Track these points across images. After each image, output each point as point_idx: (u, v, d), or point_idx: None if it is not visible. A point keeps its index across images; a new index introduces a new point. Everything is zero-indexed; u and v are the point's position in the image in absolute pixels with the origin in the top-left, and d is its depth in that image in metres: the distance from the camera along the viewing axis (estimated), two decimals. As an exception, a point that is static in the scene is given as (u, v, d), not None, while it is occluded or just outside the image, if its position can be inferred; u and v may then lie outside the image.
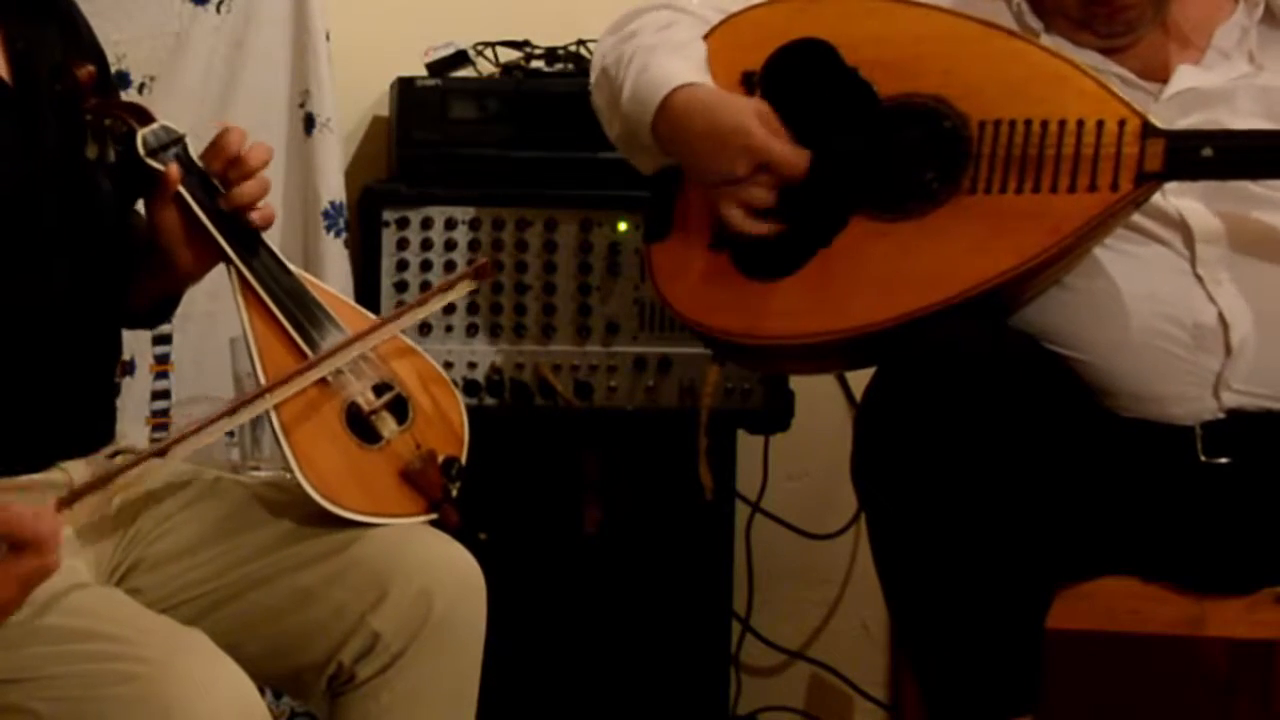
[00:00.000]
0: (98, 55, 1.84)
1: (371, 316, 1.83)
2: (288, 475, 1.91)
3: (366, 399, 1.73)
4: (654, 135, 1.92)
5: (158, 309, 1.88)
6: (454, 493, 1.72)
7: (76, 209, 1.71)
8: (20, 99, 1.69)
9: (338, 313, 1.76)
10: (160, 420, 2.39)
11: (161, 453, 1.57)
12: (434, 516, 1.71)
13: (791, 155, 1.86)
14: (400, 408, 1.74)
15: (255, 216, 1.74)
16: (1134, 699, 2.63)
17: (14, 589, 1.42)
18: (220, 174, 1.73)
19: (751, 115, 1.86)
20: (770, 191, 1.87)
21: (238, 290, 1.74)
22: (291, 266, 1.77)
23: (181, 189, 1.71)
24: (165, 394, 2.41)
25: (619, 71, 1.96)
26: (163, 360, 2.40)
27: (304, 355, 1.71)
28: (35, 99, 1.70)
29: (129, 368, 2.34)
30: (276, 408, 1.67)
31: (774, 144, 1.85)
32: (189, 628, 1.52)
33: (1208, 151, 1.75)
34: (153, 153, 1.72)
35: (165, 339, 2.38)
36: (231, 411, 1.65)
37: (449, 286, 1.82)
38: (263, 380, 1.69)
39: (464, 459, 1.75)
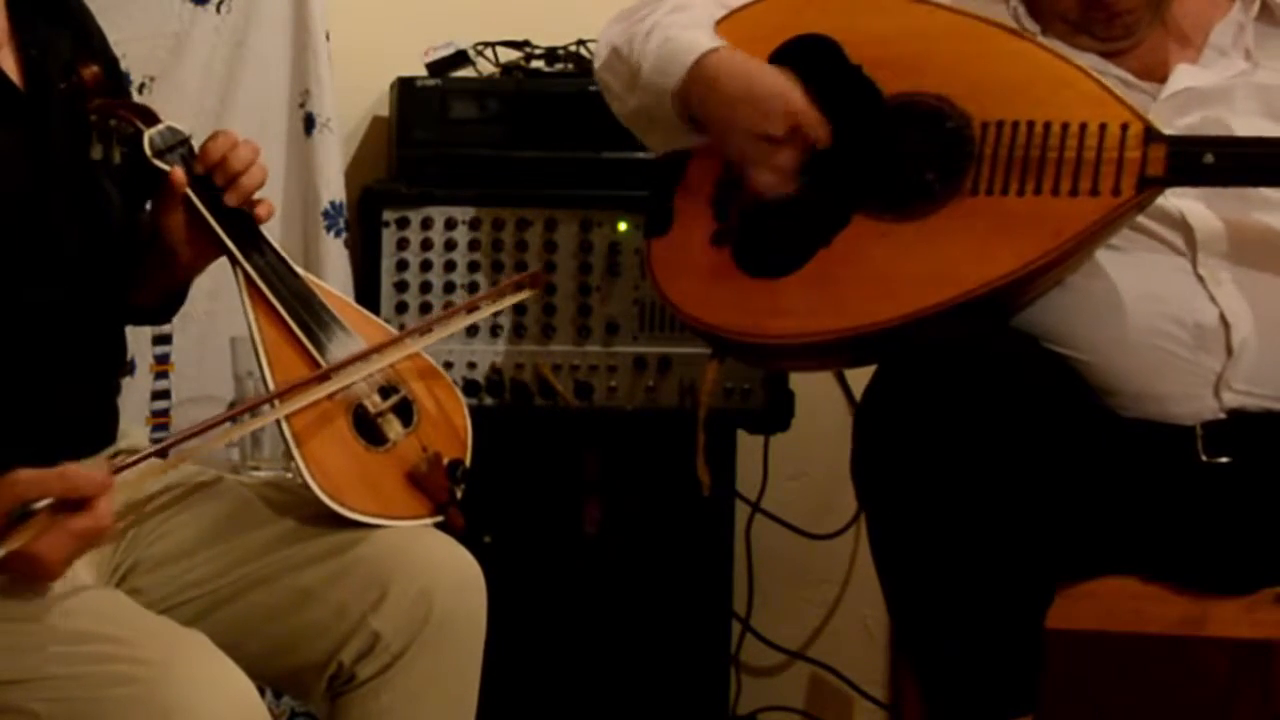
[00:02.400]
0: (108, 58, 1.84)
1: (375, 319, 1.83)
2: (288, 475, 1.91)
3: (373, 401, 1.73)
4: (678, 102, 1.91)
5: (165, 304, 1.88)
6: (459, 495, 1.72)
7: (84, 213, 1.72)
8: (31, 104, 1.70)
9: (344, 316, 1.76)
10: (160, 420, 2.39)
11: (191, 436, 1.60)
12: (440, 519, 1.71)
13: (820, 120, 1.86)
14: (405, 410, 1.75)
15: (257, 210, 1.74)
16: (1134, 699, 2.63)
17: (69, 546, 1.46)
18: (209, 173, 1.73)
19: (789, 81, 1.87)
20: (798, 157, 1.87)
21: (244, 291, 1.73)
22: (298, 269, 1.77)
23: (188, 190, 1.71)
24: (165, 394, 2.41)
25: (634, 47, 1.96)
26: (163, 360, 2.40)
27: (311, 357, 1.72)
28: (46, 105, 1.71)
29: (129, 368, 2.33)
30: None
31: (810, 109, 1.86)
32: (189, 629, 1.53)
33: (1209, 158, 1.75)
34: (159, 154, 1.72)
35: (165, 339, 2.38)
36: (238, 416, 1.66)
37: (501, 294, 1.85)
38: (270, 382, 1.69)
39: (468, 462, 1.76)
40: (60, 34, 1.77)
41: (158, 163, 1.71)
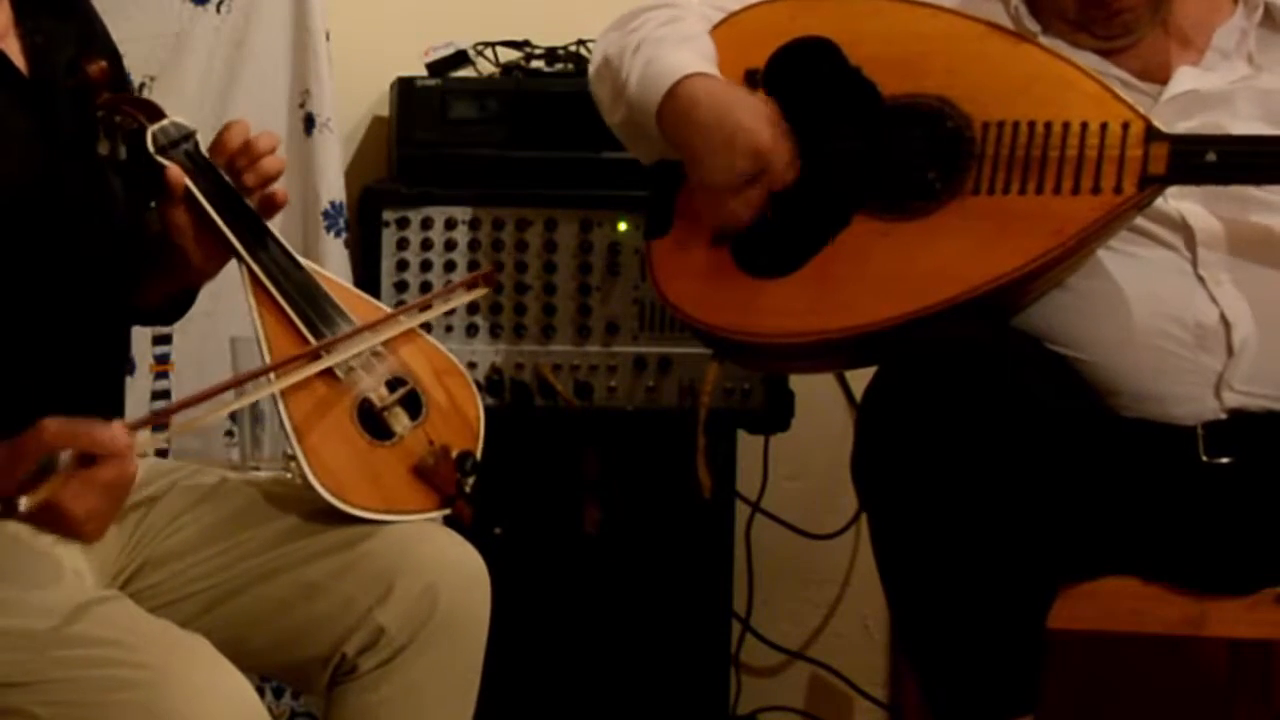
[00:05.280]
0: (111, 52, 1.84)
1: (384, 308, 1.82)
2: (288, 475, 1.91)
3: (379, 395, 1.71)
4: (658, 123, 1.92)
5: (172, 305, 1.87)
6: (468, 488, 1.71)
7: (90, 202, 1.72)
8: (37, 92, 1.70)
9: (349, 307, 1.75)
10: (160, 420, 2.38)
11: (205, 398, 1.62)
12: (447, 512, 1.71)
13: (785, 167, 1.86)
14: (414, 403, 1.73)
15: (276, 191, 1.74)
16: (1134, 699, 2.64)
17: (99, 498, 1.49)
18: (228, 165, 1.73)
19: (763, 117, 1.86)
20: (763, 194, 1.87)
21: (248, 287, 1.72)
22: (302, 260, 1.76)
23: (191, 185, 1.71)
24: (165, 394, 2.40)
25: (623, 60, 1.96)
26: (163, 360, 2.40)
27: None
28: (51, 92, 1.71)
29: (129, 367, 2.33)
30: (286, 402, 1.66)
31: (778, 150, 1.85)
32: (190, 633, 1.52)
33: (1211, 156, 1.76)
34: (162, 150, 1.71)
35: (165, 339, 2.38)
36: (240, 382, 1.66)
37: (452, 292, 1.83)
38: (274, 379, 1.69)
39: (479, 453, 1.74)
40: (64, 27, 1.77)
41: (159, 159, 1.70)
